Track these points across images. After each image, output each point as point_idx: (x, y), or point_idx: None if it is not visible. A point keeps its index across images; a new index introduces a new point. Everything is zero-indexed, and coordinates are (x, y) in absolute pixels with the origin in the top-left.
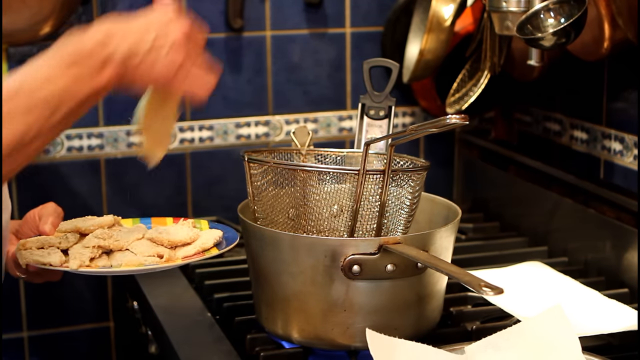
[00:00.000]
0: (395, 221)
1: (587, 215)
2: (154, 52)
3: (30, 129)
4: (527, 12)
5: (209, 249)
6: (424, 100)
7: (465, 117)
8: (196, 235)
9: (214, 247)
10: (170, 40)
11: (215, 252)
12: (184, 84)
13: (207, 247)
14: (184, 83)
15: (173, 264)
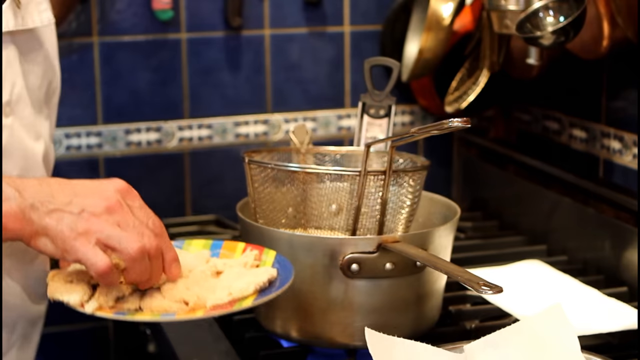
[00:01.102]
0: (395, 220)
1: (586, 214)
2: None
3: None
4: (526, 10)
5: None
6: (423, 99)
7: (467, 120)
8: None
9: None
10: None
11: (248, 304)
12: (77, 255)
13: (244, 294)
14: (77, 253)
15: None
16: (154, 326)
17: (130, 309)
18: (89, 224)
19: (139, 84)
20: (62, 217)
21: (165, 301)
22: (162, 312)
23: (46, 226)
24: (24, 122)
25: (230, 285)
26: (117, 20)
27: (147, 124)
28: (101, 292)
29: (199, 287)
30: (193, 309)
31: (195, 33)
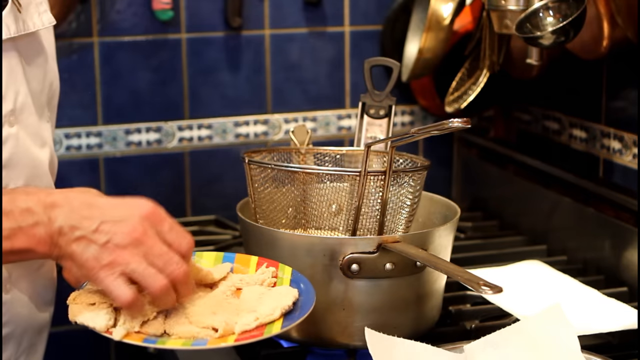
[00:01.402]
0: (395, 220)
1: (586, 214)
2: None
3: None
4: (526, 10)
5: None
6: (423, 99)
7: (467, 121)
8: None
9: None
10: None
11: (278, 330)
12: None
13: (271, 319)
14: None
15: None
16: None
17: (156, 334)
18: (113, 256)
19: (139, 84)
20: (88, 246)
21: (193, 327)
22: (191, 339)
23: (72, 253)
24: (29, 130)
25: (255, 308)
26: (117, 20)
27: (147, 124)
28: (126, 317)
29: (224, 311)
30: (223, 335)
31: (195, 33)
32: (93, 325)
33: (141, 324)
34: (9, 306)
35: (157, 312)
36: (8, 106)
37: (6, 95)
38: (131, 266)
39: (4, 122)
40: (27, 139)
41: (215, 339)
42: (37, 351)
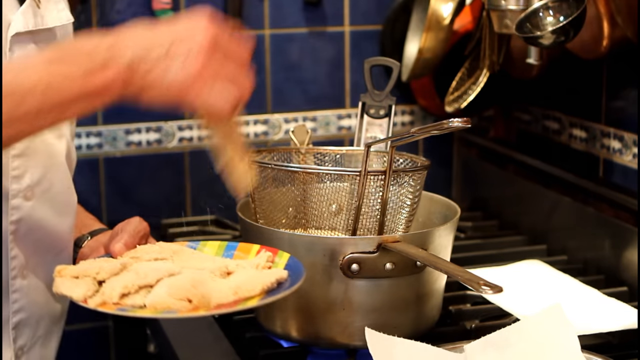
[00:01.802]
0: (396, 220)
1: (586, 213)
2: (167, 59)
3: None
4: (526, 10)
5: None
6: (423, 98)
7: (467, 121)
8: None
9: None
10: (189, 48)
11: (253, 304)
12: (200, 97)
13: (251, 294)
14: (200, 96)
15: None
16: (155, 326)
17: (134, 305)
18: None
19: None
20: (168, 68)
21: (170, 299)
22: (164, 310)
23: (152, 82)
24: None
25: (238, 285)
26: (117, 20)
27: (147, 124)
28: (106, 289)
29: (205, 287)
30: (196, 307)
31: None
32: (71, 294)
33: (121, 296)
34: (26, 292)
35: (140, 287)
36: None
37: None
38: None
39: None
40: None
41: (187, 310)
42: (51, 340)
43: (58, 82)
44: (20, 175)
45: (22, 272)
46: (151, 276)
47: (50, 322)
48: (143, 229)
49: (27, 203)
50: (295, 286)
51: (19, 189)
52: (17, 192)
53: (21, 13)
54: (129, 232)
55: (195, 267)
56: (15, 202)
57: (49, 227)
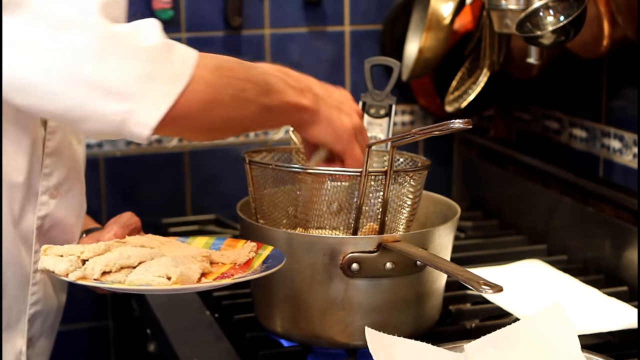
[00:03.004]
0: (396, 220)
1: (586, 213)
2: (339, 108)
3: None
4: (526, 10)
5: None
6: (423, 98)
7: (468, 122)
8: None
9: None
10: (351, 109)
11: (229, 281)
12: (352, 149)
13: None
14: (353, 148)
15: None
16: (155, 326)
17: (114, 282)
18: (359, 124)
19: None
20: (340, 113)
21: (149, 276)
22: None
23: (331, 117)
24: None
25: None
26: None
27: None
28: (88, 265)
29: (184, 266)
30: (174, 283)
31: (195, 32)
32: (53, 269)
33: (102, 274)
34: (42, 285)
35: (122, 267)
36: None
37: None
38: (363, 133)
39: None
40: (69, 133)
41: (162, 284)
42: (53, 333)
43: (286, 90)
44: (50, 173)
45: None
46: (134, 257)
47: (54, 315)
48: (134, 223)
49: (53, 201)
50: (275, 269)
51: (47, 187)
52: (46, 190)
53: None
54: (120, 224)
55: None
56: (43, 198)
57: (65, 225)
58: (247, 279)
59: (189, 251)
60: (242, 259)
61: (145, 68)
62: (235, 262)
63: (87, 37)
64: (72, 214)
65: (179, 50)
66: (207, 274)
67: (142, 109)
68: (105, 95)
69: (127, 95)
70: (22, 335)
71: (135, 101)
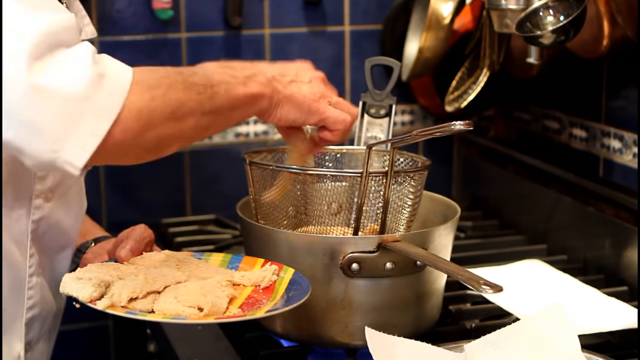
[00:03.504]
0: (397, 220)
1: (586, 213)
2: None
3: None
4: (526, 9)
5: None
6: (423, 98)
7: (470, 123)
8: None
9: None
10: (310, 76)
11: (261, 314)
12: (329, 110)
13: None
14: (326, 112)
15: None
16: (155, 325)
17: (142, 310)
18: (320, 89)
19: None
20: (300, 85)
21: (180, 305)
22: (174, 316)
23: (291, 94)
24: None
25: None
26: (117, 19)
27: None
28: (114, 291)
29: (214, 295)
30: (206, 315)
31: (195, 32)
32: (77, 294)
33: (129, 300)
34: (39, 289)
35: (148, 292)
36: None
37: None
38: (334, 97)
39: None
40: None
41: (196, 316)
42: (52, 336)
43: (229, 81)
44: (44, 176)
45: (38, 270)
46: (159, 282)
47: (53, 318)
48: (148, 236)
49: (47, 204)
50: (302, 300)
51: (41, 190)
52: (40, 193)
53: None
54: (135, 239)
55: (202, 276)
56: (37, 202)
57: (61, 228)
58: (280, 311)
59: (211, 273)
60: (264, 283)
61: (70, 110)
62: (257, 285)
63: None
64: (68, 216)
65: (109, 81)
66: (231, 300)
67: (69, 149)
68: (35, 135)
69: (54, 137)
70: (19, 339)
71: (61, 143)
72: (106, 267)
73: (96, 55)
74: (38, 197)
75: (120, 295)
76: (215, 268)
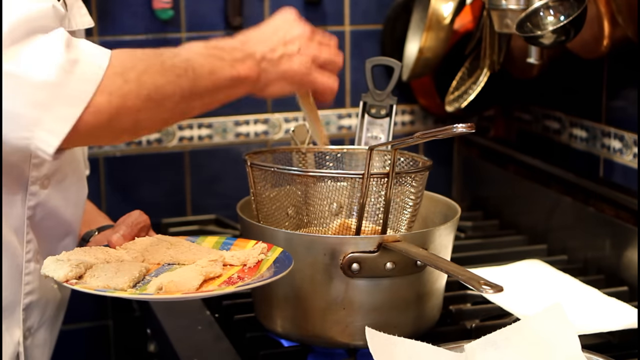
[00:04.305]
0: (398, 221)
1: (586, 213)
2: (287, 51)
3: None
4: (526, 9)
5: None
6: (424, 98)
7: (472, 126)
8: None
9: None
10: (298, 43)
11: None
12: (318, 79)
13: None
14: (318, 78)
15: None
16: (155, 326)
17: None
18: (310, 52)
19: None
20: (290, 59)
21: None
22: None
23: (284, 71)
24: None
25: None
26: (117, 19)
27: None
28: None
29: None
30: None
31: (196, 32)
32: (53, 274)
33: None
34: (36, 275)
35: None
36: None
37: None
38: (322, 56)
39: None
40: None
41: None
42: (56, 326)
43: (215, 65)
44: (40, 163)
45: (36, 257)
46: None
47: (56, 307)
48: (143, 222)
49: (44, 191)
50: (277, 276)
51: (37, 177)
52: (36, 180)
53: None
54: (128, 224)
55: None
56: (33, 188)
57: (60, 215)
58: (252, 286)
59: (202, 254)
60: (251, 261)
61: (41, 96)
62: (245, 264)
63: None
64: (67, 203)
65: (82, 66)
66: (213, 278)
67: (40, 135)
68: (8, 121)
69: (25, 123)
70: (18, 325)
71: (32, 129)
72: (94, 250)
73: (72, 41)
74: (34, 184)
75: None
76: (207, 249)
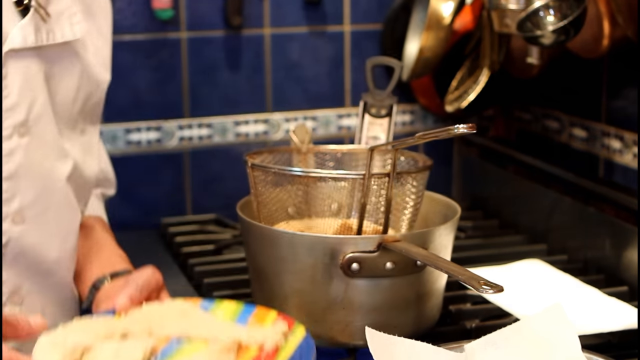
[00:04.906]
0: (399, 221)
1: (586, 213)
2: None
3: None
4: (526, 9)
5: None
6: (424, 98)
7: (473, 127)
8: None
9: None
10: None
11: None
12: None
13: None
14: None
15: None
16: None
17: None
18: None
19: (138, 83)
20: None
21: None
22: None
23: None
24: (44, 140)
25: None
26: (117, 19)
27: (147, 123)
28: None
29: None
30: None
31: (196, 32)
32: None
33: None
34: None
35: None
36: (19, 117)
37: (19, 105)
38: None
39: (14, 132)
40: (40, 151)
41: None
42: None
43: None
44: (9, 198)
45: (13, 298)
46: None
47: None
48: (155, 282)
49: (16, 227)
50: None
51: (7, 212)
52: (6, 216)
53: (20, 28)
54: (138, 285)
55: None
56: (4, 225)
57: (42, 252)
58: None
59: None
60: (269, 344)
61: None
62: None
63: None
64: (49, 240)
65: None
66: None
67: None
68: None
69: None
70: None
71: None
72: (95, 323)
73: None
74: (5, 220)
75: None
76: (221, 324)
